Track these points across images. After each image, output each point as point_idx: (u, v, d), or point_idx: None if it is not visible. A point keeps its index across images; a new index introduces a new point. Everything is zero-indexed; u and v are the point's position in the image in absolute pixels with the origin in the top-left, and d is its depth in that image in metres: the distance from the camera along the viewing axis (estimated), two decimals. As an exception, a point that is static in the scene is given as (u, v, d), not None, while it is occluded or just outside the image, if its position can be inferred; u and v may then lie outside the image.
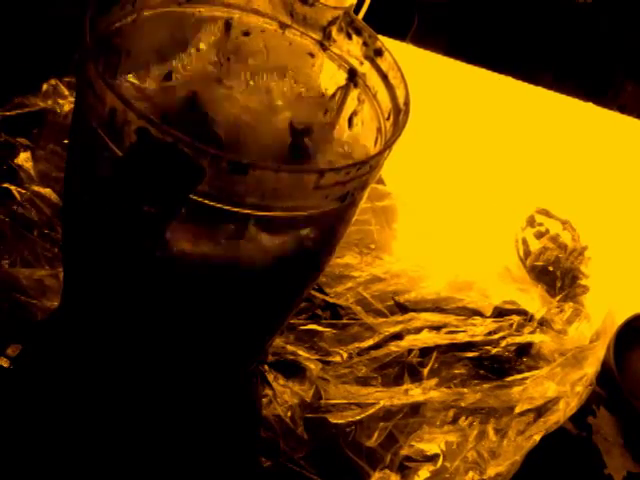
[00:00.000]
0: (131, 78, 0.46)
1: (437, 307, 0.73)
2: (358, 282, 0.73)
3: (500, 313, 0.75)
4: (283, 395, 0.62)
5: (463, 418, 0.65)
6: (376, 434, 0.63)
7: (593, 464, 0.70)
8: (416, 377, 0.68)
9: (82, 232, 0.44)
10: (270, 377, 0.64)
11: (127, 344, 0.47)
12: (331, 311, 0.70)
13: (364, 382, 0.66)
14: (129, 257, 0.38)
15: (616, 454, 0.72)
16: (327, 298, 0.70)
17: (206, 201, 0.38)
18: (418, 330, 0.70)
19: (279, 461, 0.60)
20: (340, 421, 0.62)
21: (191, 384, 0.51)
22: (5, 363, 0.58)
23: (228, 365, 0.52)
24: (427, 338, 0.70)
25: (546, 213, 0.87)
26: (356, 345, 0.68)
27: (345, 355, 0.67)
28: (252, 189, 0.37)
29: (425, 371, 0.69)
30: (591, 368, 0.68)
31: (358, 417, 0.63)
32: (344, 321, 0.69)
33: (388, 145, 0.42)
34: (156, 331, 0.45)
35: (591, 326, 0.76)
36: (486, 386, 0.67)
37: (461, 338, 0.70)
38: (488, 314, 0.74)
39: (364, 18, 0.76)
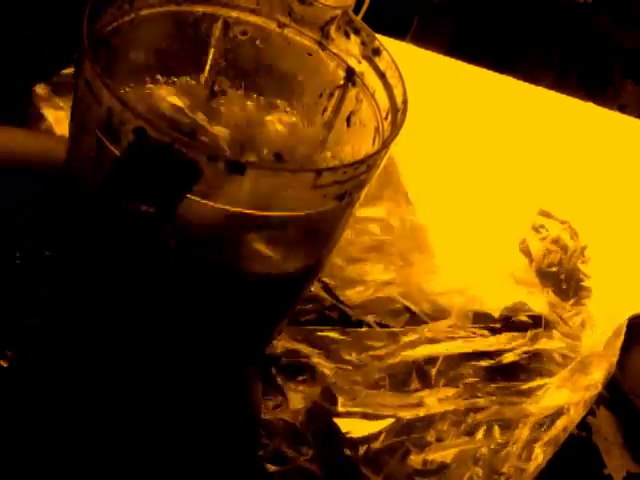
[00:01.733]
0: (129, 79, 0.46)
1: (448, 313, 0.72)
2: (368, 286, 0.73)
3: (508, 316, 0.74)
4: (293, 399, 0.62)
5: (476, 427, 0.65)
6: (387, 444, 0.62)
7: (593, 464, 0.70)
8: (427, 382, 0.68)
9: (81, 232, 0.44)
10: (279, 380, 0.63)
11: (124, 343, 0.47)
12: (343, 317, 0.69)
13: (376, 386, 0.65)
14: (127, 257, 0.38)
15: (616, 454, 0.71)
16: (341, 306, 0.70)
17: (204, 201, 0.38)
18: (430, 340, 0.70)
19: (285, 467, 0.59)
20: (353, 431, 0.61)
21: (188, 383, 0.51)
22: (5, 363, 0.58)
23: (225, 365, 0.52)
24: (440, 347, 0.70)
25: (547, 214, 0.86)
26: (369, 353, 0.67)
27: (357, 362, 0.66)
28: (249, 189, 0.37)
29: (436, 376, 0.69)
30: (600, 372, 0.68)
31: (373, 430, 0.62)
32: (356, 329, 0.69)
33: (386, 144, 0.42)
34: (153, 330, 0.45)
35: (598, 329, 0.76)
36: (500, 394, 0.67)
37: (475, 347, 0.70)
38: (497, 315, 0.74)
39: (364, 18, 0.76)
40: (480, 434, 0.64)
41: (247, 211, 0.39)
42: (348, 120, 0.49)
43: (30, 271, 0.52)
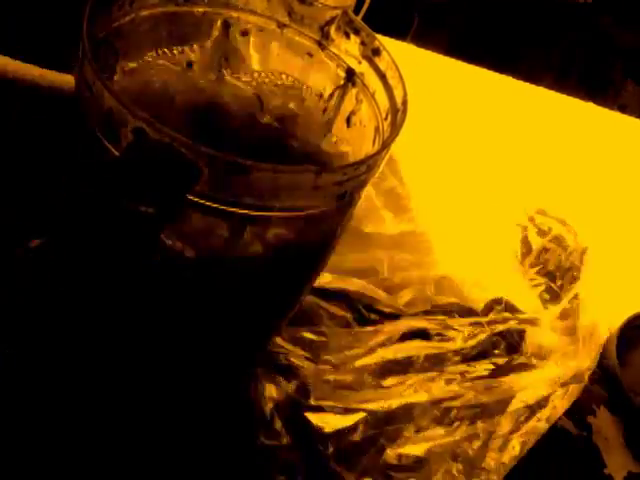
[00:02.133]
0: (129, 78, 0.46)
1: (426, 311, 0.72)
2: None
3: (491, 308, 0.74)
4: (269, 389, 0.61)
5: (453, 418, 0.64)
6: (361, 438, 0.62)
7: (593, 464, 0.70)
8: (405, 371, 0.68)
9: (80, 232, 0.44)
10: (259, 371, 0.63)
11: (124, 342, 0.47)
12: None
13: (351, 386, 0.65)
14: (126, 258, 0.38)
15: (616, 454, 0.71)
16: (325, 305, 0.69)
17: (203, 202, 0.38)
18: (404, 337, 0.70)
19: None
20: (325, 426, 0.61)
21: (189, 383, 0.51)
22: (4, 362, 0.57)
23: (226, 366, 0.52)
24: (414, 346, 0.70)
25: (545, 213, 0.86)
26: (345, 353, 0.67)
27: (334, 362, 0.66)
28: (250, 189, 0.37)
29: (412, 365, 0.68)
30: (584, 363, 0.68)
31: (345, 424, 0.62)
32: (333, 329, 0.68)
33: (386, 145, 0.42)
34: (152, 331, 0.45)
35: (584, 324, 0.76)
36: (480, 383, 0.67)
37: (450, 346, 0.70)
38: (481, 307, 0.74)
39: (364, 18, 0.75)
40: (459, 426, 0.64)
41: (247, 212, 0.39)
42: (348, 120, 0.49)
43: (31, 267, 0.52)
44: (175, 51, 0.48)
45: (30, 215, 0.58)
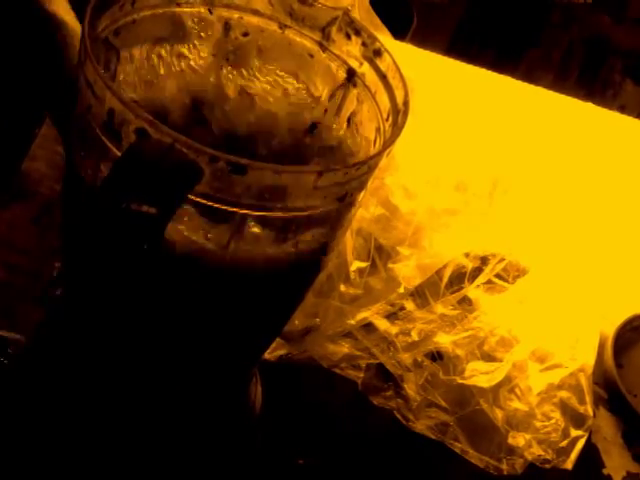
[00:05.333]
0: (130, 78, 0.46)
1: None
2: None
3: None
4: None
5: None
6: None
7: (592, 464, 0.70)
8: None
9: (81, 232, 0.44)
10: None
11: (126, 344, 0.47)
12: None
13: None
14: (127, 257, 0.38)
15: (615, 454, 0.72)
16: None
17: (204, 201, 0.38)
18: None
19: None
20: None
21: (190, 387, 0.51)
22: (5, 363, 0.58)
23: (228, 368, 0.52)
24: None
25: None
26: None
27: None
28: (250, 189, 0.37)
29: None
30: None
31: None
32: None
33: (387, 146, 0.42)
34: (155, 331, 0.46)
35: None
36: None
37: None
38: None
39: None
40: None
41: (248, 212, 0.39)
42: (349, 121, 0.49)
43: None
44: (176, 52, 0.48)
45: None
